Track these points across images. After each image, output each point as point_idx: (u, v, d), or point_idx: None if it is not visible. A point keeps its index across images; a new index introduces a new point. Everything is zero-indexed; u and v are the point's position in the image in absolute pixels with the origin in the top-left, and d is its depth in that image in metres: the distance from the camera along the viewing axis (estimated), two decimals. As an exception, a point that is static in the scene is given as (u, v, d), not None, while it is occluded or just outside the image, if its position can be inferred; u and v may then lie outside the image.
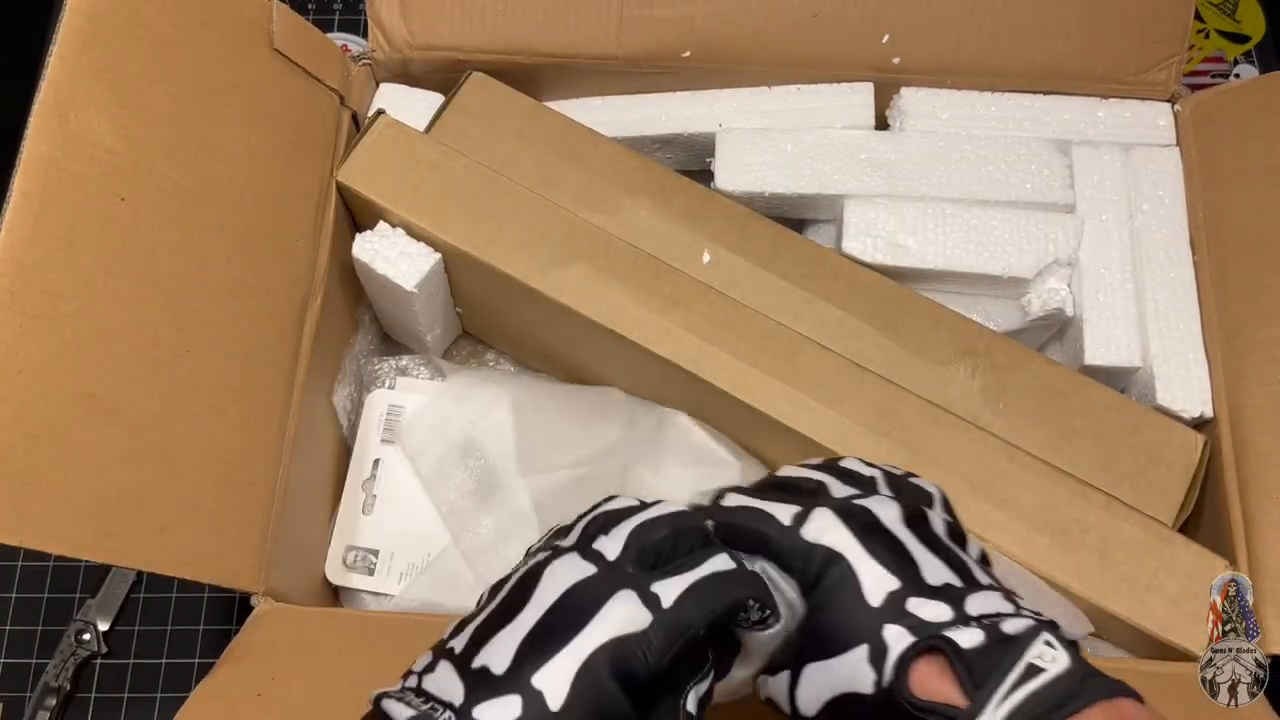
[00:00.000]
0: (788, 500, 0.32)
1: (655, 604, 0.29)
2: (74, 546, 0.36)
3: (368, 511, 0.54)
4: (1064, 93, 0.56)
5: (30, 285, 0.36)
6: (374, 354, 0.59)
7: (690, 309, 0.49)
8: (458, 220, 0.50)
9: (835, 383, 0.47)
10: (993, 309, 0.54)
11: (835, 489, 0.33)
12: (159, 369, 0.41)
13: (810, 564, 0.30)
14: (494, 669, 0.27)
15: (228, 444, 0.43)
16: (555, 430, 0.54)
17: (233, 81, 0.46)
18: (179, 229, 0.42)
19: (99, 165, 0.39)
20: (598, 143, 0.53)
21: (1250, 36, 0.71)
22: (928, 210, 0.53)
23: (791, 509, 0.31)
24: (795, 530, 0.30)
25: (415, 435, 0.54)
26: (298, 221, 0.49)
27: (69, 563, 0.59)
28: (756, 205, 0.54)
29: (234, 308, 0.45)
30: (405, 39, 0.55)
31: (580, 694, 0.27)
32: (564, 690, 0.27)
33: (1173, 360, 0.51)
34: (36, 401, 0.36)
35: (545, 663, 0.27)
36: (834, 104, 0.56)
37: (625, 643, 0.28)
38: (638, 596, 0.29)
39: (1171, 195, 0.54)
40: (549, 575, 0.30)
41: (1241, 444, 0.48)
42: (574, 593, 0.29)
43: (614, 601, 0.28)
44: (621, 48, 0.56)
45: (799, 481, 0.34)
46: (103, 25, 0.40)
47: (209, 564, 0.42)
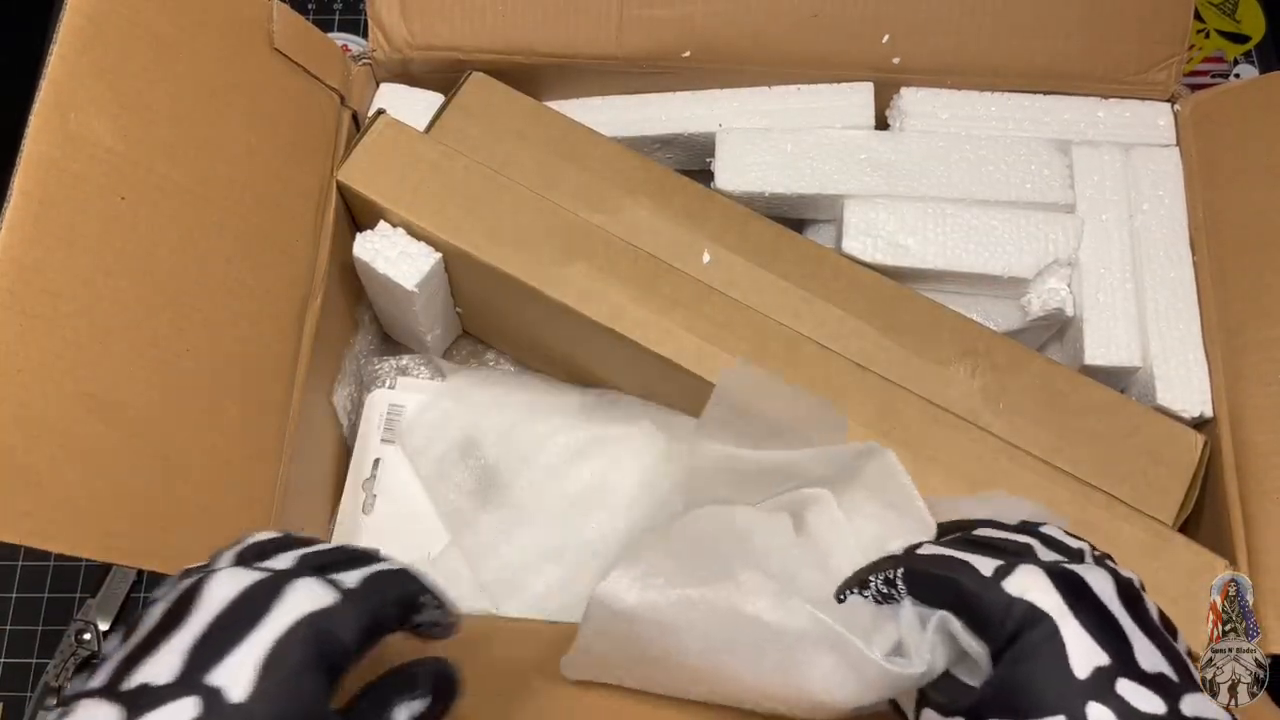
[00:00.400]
0: (989, 555, 0.31)
1: (339, 585, 0.28)
2: (74, 546, 0.36)
3: (368, 511, 0.54)
4: (1064, 93, 0.56)
5: (30, 285, 0.36)
6: (374, 354, 0.59)
7: (690, 309, 0.49)
8: (458, 220, 0.50)
9: (835, 383, 0.47)
10: (993, 309, 0.54)
11: (1041, 552, 0.31)
12: (159, 368, 0.41)
13: (1009, 619, 0.28)
14: (156, 682, 0.25)
15: (228, 443, 0.43)
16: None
17: (233, 81, 0.46)
18: (179, 229, 0.42)
19: (99, 165, 0.39)
20: (598, 143, 0.53)
21: (1250, 36, 0.72)
22: (928, 210, 0.53)
23: (993, 562, 0.30)
24: (996, 582, 0.29)
25: (415, 435, 0.54)
26: (298, 221, 0.49)
27: (69, 562, 0.59)
28: (756, 205, 0.54)
29: (234, 307, 0.45)
30: (405, 39, 0.56)
31: (270, 682, 0.25)
32: (249, 682, 0.25)
33: (1173, 360, 0.51)
34: (37, 401, 0.36)
35: (220, 660, 0.25)
36: (834, 104, 0.56)
37: (316, 619, 0.26)
38: (318, 581, 0.28)
39: (1171, 195, 0.54)
40: (212, 586, 0.27)
41: (1241, 444, 0.48)
42: (247, 595, 0.27)
43: (294, 588, 0.27)
44: (621, 48, 0.56)
45: (1000, 541, 0.32)
46: (103, 25, 0.40)
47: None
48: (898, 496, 0.39)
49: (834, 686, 0.32)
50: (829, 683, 0.32)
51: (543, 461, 0.53)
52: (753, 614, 0.33)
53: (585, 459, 0.53)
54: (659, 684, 0.38)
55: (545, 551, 0.52)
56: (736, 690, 0.35)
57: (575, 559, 0.51)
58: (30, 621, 0.58)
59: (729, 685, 0.35)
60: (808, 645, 0.33)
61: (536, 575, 0.51)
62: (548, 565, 0.51)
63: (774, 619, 0.33)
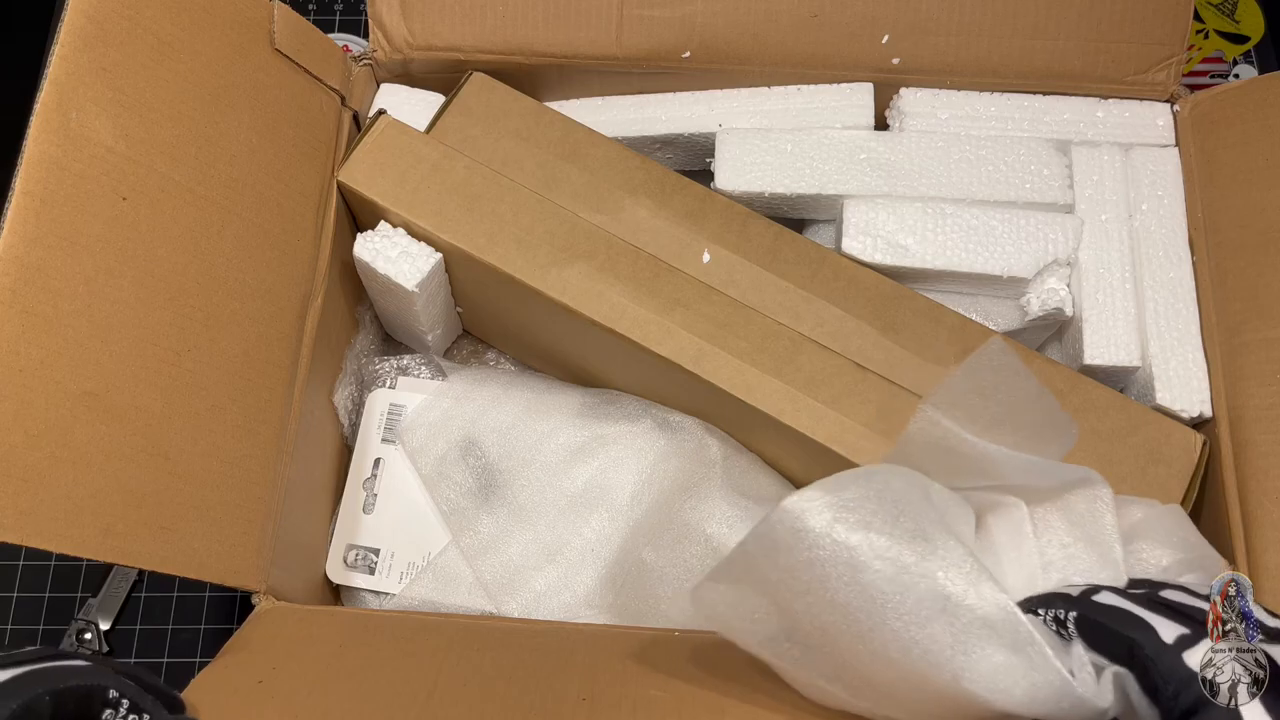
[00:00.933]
0: (1174, 619, 0.30)
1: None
2: (75, 545, 0.36)
3: (368, 511, 0.54)
4: (1063, 93, 0.56)
5: (31, 284, 0.36)
6: (375, 353, 0.59)
7: (690, 309, 0.49)
8: (458, 220, 0.50)
9: (835, 382, 0.47)
10: (992, 309, 0.54)
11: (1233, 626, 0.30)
12: (160, 368, 0.41)
13: (1185, 693, 0.28)
14: None
15: (229, 443, 0.43)
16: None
17: (234, 81, 0.46)
18: (180, 228, 0.42)
19: (100, 165, 0.39)
20: (598, 143, 0.53)
21: (1249, 37, 0.72)
22: (927, 210, 0.53)
23: (1178, 629, 0.29)
24: (1176, 652, 0.29)
25: (416, 434, 0.54)
26: (299, 221, 0.49)
27: (70, 562, 0.59)
28: (756, 205, 0.54)
29: (235, 307, 0.45)
30: (406, 39, 0.56)
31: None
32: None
33: (1172, 360, 0.51)
34: (38, 400, 0.36)
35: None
36: (834, 104, 0.56)
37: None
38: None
39: (1171, 195, 0.54)
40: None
41: (1241, 444, 0.48)
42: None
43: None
44: (621, 48, 0.56)
45: (1188, 609, 0.31)
46: (104, 25, 0.40)
47: (210, 563, 0.42)
48: (1096, 532, 0.38)
49: (1001, 686, 0.31)
50: (996, 681, 0.31)
51: (542, 461, 0.53)
52: (941, 583, 0.31)
53: (585, 458, 0.53)
54: (784, 630, 0.35)
55: (545, 551, 0.52)
56: (867, 660, 0.33)
57: (575, 559, 0.51)
58: (31, 621, 0.58)
59: (865, 654, 0.33)
60: (986, 635, 0.31)
61: (536, 575, 0.51)
62: (548, 565, 0.52)
63: (960, 594, 0.31)
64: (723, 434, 0.52)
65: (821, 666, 0.35)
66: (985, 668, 0.31)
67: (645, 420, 0.53)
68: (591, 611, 0.51)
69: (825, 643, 0.34)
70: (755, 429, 0.50)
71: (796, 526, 0.33)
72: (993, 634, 0.31)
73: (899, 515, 0.33)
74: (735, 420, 0.50)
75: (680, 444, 0.52)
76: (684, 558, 0.50)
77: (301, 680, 0.39)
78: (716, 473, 0.50)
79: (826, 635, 0.34)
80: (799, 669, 0.36)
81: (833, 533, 0.33)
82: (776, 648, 0.36)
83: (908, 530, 0.33)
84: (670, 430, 0.52)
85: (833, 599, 0.33)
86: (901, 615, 0.32)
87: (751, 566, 0.35)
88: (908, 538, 0.33)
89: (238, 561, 0.43)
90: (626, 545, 0.51)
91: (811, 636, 0.35)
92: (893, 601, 0.32)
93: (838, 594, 0.33)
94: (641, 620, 0.50)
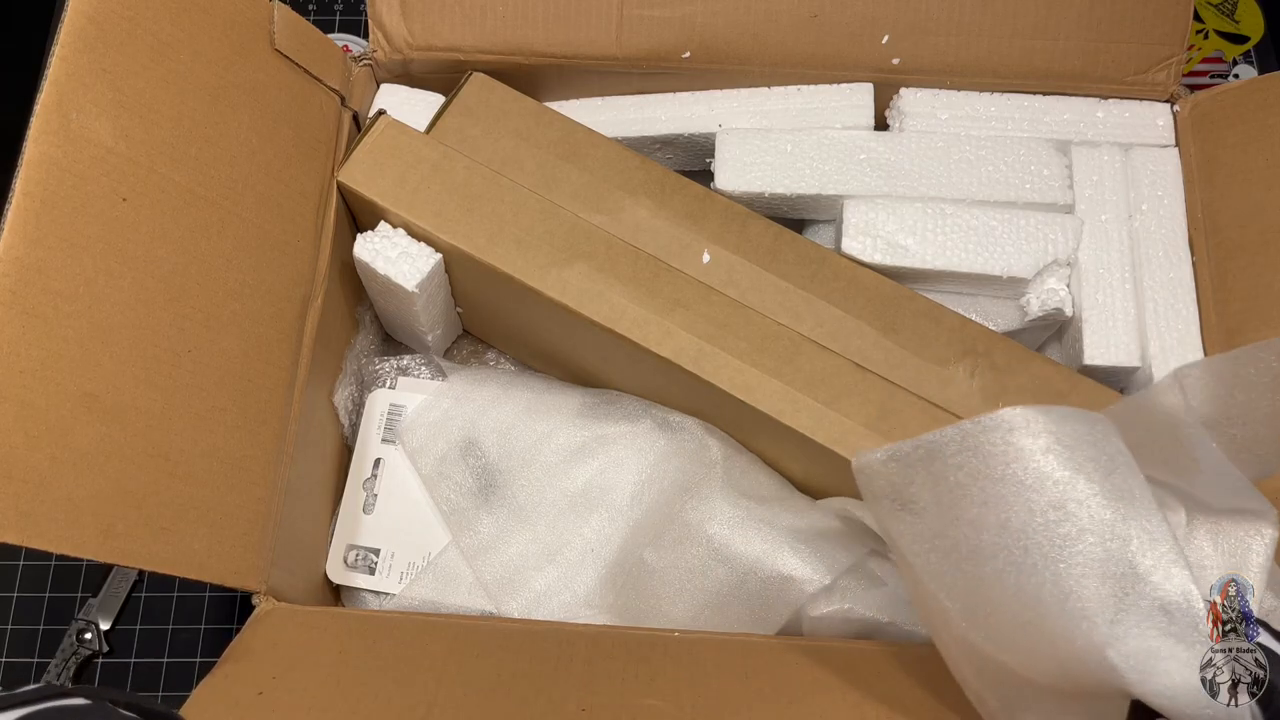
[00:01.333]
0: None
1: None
2: (76, 545, 0.36)
3: (369, 511, 0.54)
4: (1063, 93, 0.56)
5: (32, 285, 0.36)
6: (375, 354, 0.59)
7: (690, 309, 0.49)
8: (458, 220, 0.50)
9: (835, 383, 0.48)
10: (992, 309, 0.54)
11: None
12: (160, 368, 0.41)
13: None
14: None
15: (229, 443, 0.43)
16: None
17: (234, 82, 0.46)
18: (180, 229, 0.42)
19: (100, 166, 0.39)
20: (598, 143, 0.53)
21: (1249, 37, 0.72)
22: (927, 210, 0.53)
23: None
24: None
25: (416, 434, 0.54)
26: (299, 222, 0.49)
27: (70, 562, 0.59)
28: (756, 205, 0.54)
29: (235, 308, 0.45)
30: (406, 40, 0.56)
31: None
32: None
33: (1172, 360, 0.51)
34: (38, 401, 0.36)
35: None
36: (834, 104, 0.56)
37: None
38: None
39: (1170, 195, 0.54)
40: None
41: (1241, 444, 0.48)
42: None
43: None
44: (621, 48, 0.56)
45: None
46: (104, 25, 0.40)
47: (210, 563, 0.42)
48: (1242, 564, 0.36)
49: (1147, 670, 0.30)
50: (1145, 663, 0.30)
51: (543, 461, 0.53)
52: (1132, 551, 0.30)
53: (585, 458, 0.53)
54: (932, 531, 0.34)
55: (545, 551, 0.52)
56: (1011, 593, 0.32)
57: (575, 559, 0.51)
58: (31, 621, 0.58)
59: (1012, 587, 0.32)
60: (1156, 618, 0.30)
61: (536, 575, 0.51)
62: (548, 565, 0.52)
63: (1148, 570, 0.30)
64: (723, 434, 0.52)
65: (952, 583, 0.34)
66: (1138, 647, 0.30)
67: (645, 420, 0.53)
68: (591, 611, 0.51)
69: (972, 562, 0.33)
70: (755, 429, 0.50)
71: (1008, 439, 0.32)
72: (1165, 619, 0.30)
73: (1113, 470, 0.32)
74: (735, 420, 0.50)
75: (681, 444, 0.52)
76: (684, 558, 0.50)
77: (302, 693, 0.39)
78: (717, 473, 0.50)
79: (979, 555, 0.33)
80: (927, 576, 0.34)
81: (1043, 461, 0.31)
82: (915, 545, 0.35)
83: (1117, 487, 0.32)
84: (670, 430, 0.52)
85: (1007, 522, 0.32)
86: (1075, 565, 0.31)
87: (937, 458, 0.33)
88: (1115, 495, 0.31)
89: (238, 562, 0.43)
90: (627, 545, 0.51)
91: (960, 549, 0.33)
92: (1073, 549, 0.31)
93: (1016, 519, 0.32)
94: (642, 620, 0.50)
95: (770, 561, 0.48)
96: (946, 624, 0.35)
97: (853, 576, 0.48)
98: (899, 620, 0.47)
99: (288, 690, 0.39)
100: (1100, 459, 0.32)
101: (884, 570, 0.48)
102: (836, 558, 0.47)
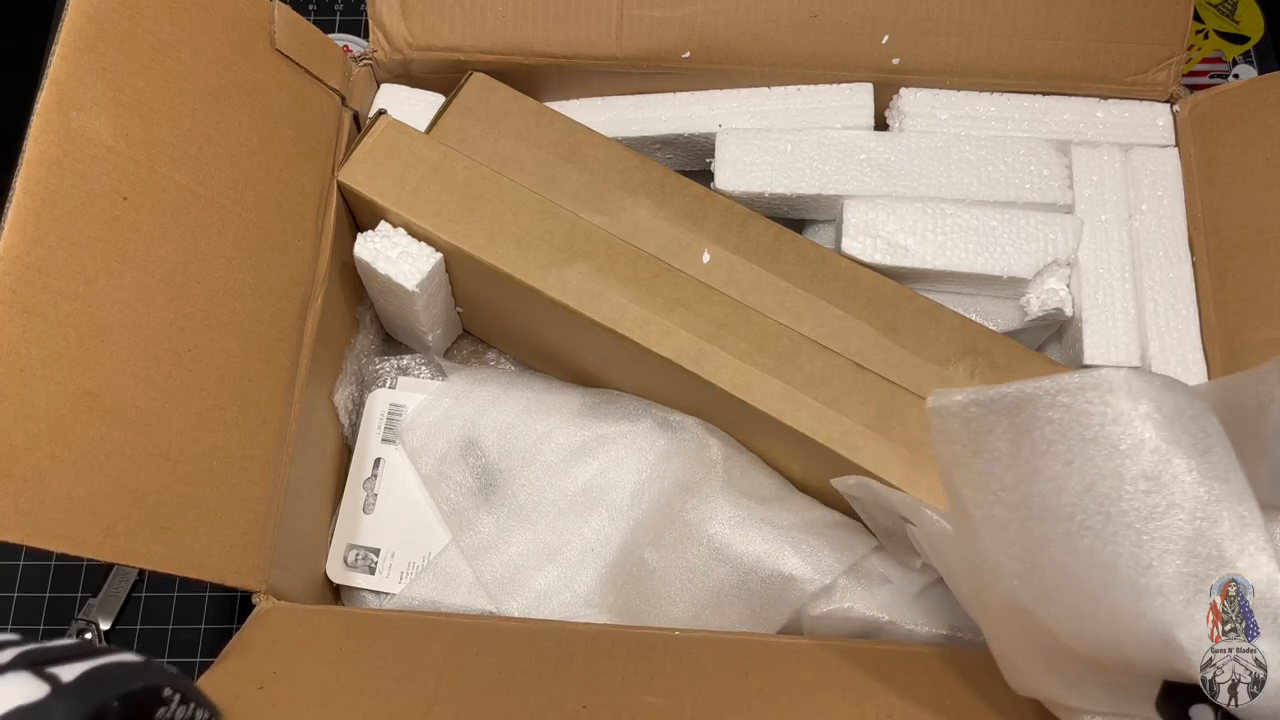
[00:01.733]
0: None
1: (54, 680, 0.27)
2: (76, 544, 0.36)
3: (369, 510, 0.54)
4: (1063, 93, 0.56)
5: (32, 284, 0.36)
6: (375, 353, 0.59)
7: (690, 309, 0.49)
8: (458, 220, 0.50)
9: (835, 382, 0.48)
10: (992, 309, 0.54)
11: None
12: (161, 368, 0.41)
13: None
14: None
15: (229, 443, 0.44)
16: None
17: (234, 81, 0.46)
18: (180, 228, 0.42)
19: (101, 165, 0.39)
20: (598, 143, 0.53)
21: (1249, 37, 0.72)
22: (927, 210, 0.53)
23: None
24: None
25: (416, 434, 0.54)
26: (299, 221, 0.49)
27: (71, 562, 0.59)
28: (756, 205, 0.54)
29: (235, 307, 0.45)
30: (406, 39, 0.56)
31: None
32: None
33: (1172, 360, 0.51)
34: (39, 400, 0.36)
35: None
36: (834, 104, 0.56)
37: (22, 714, 0.26)
38: (30, 676, 0.27)
39: (1170, 195, 0.54)
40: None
41: (1241, 444, 0.48)
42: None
43: (2, 682, 0.27)
44: (621, 48, 0.56)
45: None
46: (105, 25, 0.40)
47: (210, 563, 0.42)
48: None
49: None
50: None
51: (543, 461, 0.53)
52: (1222, 532, 0.29)
53: (585, 458, 0.53)
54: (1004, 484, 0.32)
55: (545, 551, 0.52)
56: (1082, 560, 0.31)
57: (575, 558, 0.52)
58: (32, 621, 0.58)
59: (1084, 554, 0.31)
60: None
61: (537, 574, 0.51)
62: (548, 564, 0.52)
63: (1234, 555, 0.29)
64: (723, 434, 0.52)
65: (1013, 538, 0.33)
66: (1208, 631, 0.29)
67: (645, 420, 0.53)
68: (591, 611, 0.51)
69: (1043, 520, 0.32)
70: (755, 429, 0.50)
71: (1107, 400, 0.31)
72: None
73: (1210, 448, 0.31)
74: (735, 420, 0.50)
75: (681, 444, 0.52)
76: (685, 558, 0.50)
77: (302, 688, 0.40)
78: (718, 472, 0.50)
79: (1053, 514, 0.32)
80: (986, 528, 0.33)
81: (1141, 427, 0.30)
82: (979, 494, 0.33)
83: (1215, 466, 0.31)
84: (671, 430, 0.52)
85: (1091, 485, 0.31)
86: (1159, 540, 0.30)
87: (1026, 409, 0.32)
88: (1212, 474, 0.30)
89: (238, 561, 0.43)
90: (627, 545, 0.51)
91: (1031, 505, 0.32)
92: (1160, 522, 0.30)
93: (1101, 483, 0.31)
94: (642, 620, 0.50)
95: (771, 561, 0.48)
96: (996, 580, 0.34)
97: (853, 576, 0.48)
98: (899, 619, 0.47)
99: (288, 685, 0.39)
100: (1199, 434, 0.31)
101: (886, 567, 0.48)
102: (837, 557, 0.47)
